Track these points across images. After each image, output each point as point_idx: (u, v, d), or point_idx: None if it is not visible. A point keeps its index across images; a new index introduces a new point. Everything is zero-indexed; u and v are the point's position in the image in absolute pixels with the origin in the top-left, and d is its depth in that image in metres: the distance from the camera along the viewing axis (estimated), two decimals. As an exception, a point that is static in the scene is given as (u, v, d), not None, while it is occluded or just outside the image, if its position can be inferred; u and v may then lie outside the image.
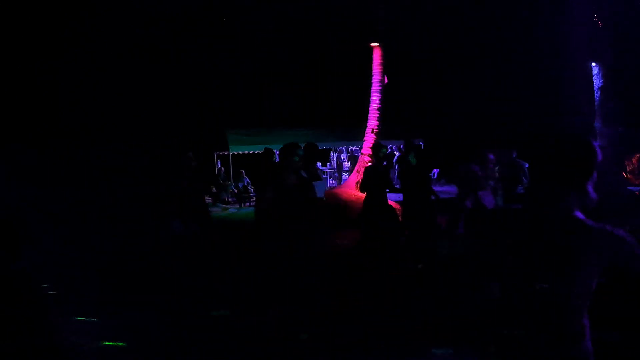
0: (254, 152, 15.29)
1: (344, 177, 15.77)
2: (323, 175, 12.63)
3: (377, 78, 11.70)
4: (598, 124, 8.64)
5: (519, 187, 7.50)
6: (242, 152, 15.59)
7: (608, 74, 8.64)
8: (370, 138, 11.39)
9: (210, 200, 12.57)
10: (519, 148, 8.68)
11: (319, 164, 14.18)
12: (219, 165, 15.86)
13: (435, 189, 6.90)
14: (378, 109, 11.54)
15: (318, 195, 6.71)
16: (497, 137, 10.68)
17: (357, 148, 15.69)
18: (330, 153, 17.36)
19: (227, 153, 15.80)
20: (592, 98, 8.82)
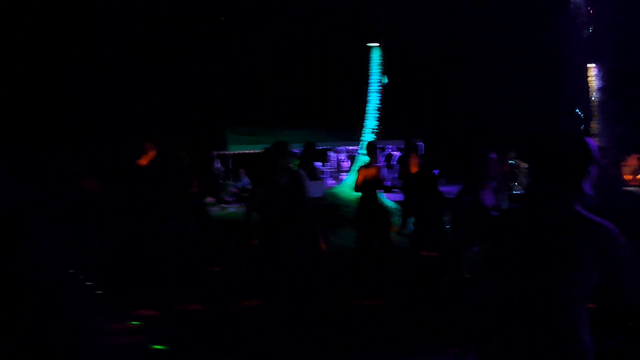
0: (254, 151, 15.28)
1: (343, 177, 15.77)
2: (322, 175, 12.63)
3: (375, 78, 11.72)
4: (599, 124, 8.64)
5: (516, 186, 7.49)
6: (241, 151, 15.58)
7: (608, 75, 8.64)
8: (368, 138, 11.42)
9: (211, 200, 12.57)
10: (518, 148, 8.67)
11: (320, 164, 14.19)
12: (219, 165, 15.86)
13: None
14: (377, 109, 11.56)
15: (318, 195, 6.69)
16: (497, 137, 10.67)
17: (357, 148, 15.70)
18: (331, 153, 17.35)
19: (226, 153, 15.79)
20: (588, 98, 8.83)
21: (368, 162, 6.79)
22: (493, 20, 13.55)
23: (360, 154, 11.71)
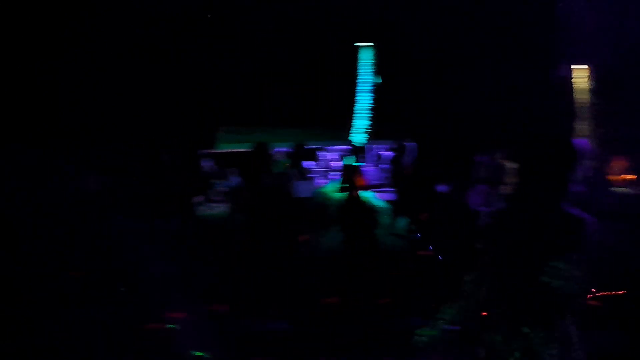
0: (245, 150, 15.17)
1: (333, 176, 15.74)
2: (312, 175, 12.61)
3: (366, 78, 11.68)
4: (588, 125, 8.66)
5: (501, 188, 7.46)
6: (233, 150, 15.49)
7: (605, 75, 8.66)
8: (358, 138, 11.41)
9: (200, 199, 12.56)
10: (507, 148, 8.66)
11: (312, 163, 14.17)
12: (211, 164, 15.80)
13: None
14: (368, 109, 11.53)
15: (307, 195, 6.69)
16: (497, 137, 10.65)
17: (349, 147, 15.73)
18: (321, 152, 17.31)
19: (220, 152, 15.75)
20: (577, 99, 8.86)
21: (354, 161, 6.80)
22: (493, 20, 13.54)
23: (348, 154, 11.70)
